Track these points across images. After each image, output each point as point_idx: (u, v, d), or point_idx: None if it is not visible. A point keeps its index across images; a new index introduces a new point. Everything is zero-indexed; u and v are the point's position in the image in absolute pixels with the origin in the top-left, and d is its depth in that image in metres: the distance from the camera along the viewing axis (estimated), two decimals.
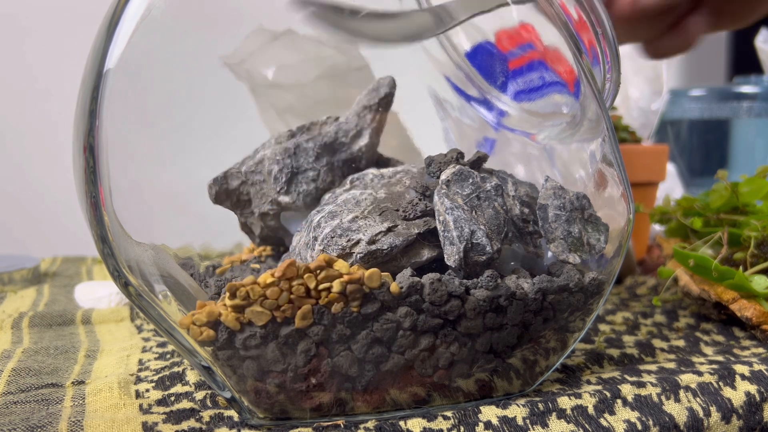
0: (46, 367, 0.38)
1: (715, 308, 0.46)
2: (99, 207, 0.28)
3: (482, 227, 0.31)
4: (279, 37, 0.37)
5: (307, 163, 0.35)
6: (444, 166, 0.33)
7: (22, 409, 0.32)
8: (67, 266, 0.69)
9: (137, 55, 0.29)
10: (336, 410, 0.31)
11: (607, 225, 0.34)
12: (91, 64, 0.29)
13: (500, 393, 0.33)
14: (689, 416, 0.32)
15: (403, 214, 0.32)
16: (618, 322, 0.47)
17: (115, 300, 0.53)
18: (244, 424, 0.31)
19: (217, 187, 0.35)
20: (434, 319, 0.30)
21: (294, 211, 0.36)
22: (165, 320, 0.29)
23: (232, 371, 0.30)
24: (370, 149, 0.37)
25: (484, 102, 0.39)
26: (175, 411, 0.32)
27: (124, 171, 0.29)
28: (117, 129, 0.29)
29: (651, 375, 0.35)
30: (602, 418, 0.31)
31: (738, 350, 0.41)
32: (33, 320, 0.47)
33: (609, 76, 0.34)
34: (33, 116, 0.88)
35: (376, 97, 0.36)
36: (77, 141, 0.29)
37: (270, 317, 0.28)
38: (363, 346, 0.29)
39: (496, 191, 0.32)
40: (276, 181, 0.35)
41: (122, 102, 0.29)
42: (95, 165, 0.28)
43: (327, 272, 0.29)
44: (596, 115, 0.34)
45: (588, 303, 0.33)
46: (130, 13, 0.29)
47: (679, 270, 0.48)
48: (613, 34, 0.33)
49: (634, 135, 0.68)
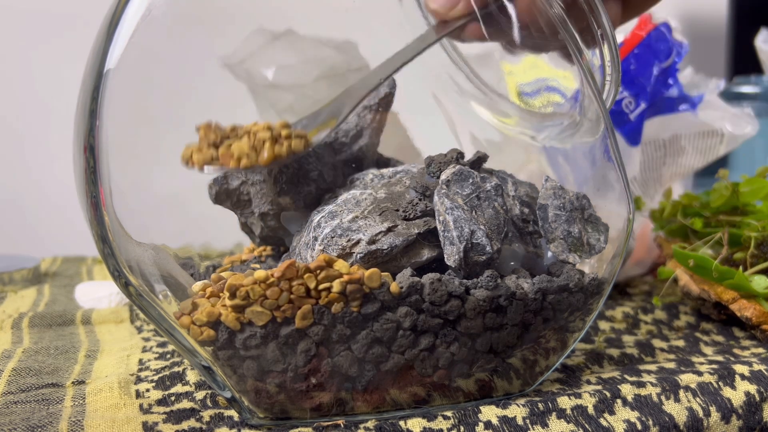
0: (47, 367, 0.38)
1: (715, 308, 0.46)
2: (99, 207, 0.28)
3: (482, 227, 0.31)
4: (279, 37, 0.37)
5: (308, 163, 0.35)
6: (444, 166, 0.33)
7: (22, 409, 0.32)
8: (67, 266, 0.69)
9: (137, 55, 0.29)
10: (336, 410, 0.31)
11: (607, 225, 0.34)
12: (92, 64, 0.29)
13: (500, 393, 0.33)
14: (689, 416, 0.32)
15: (403, 214, 0.32)
16: (618, 318, 0.47)
17: (115, 300, 0.53)
18: (244, 424, 0.31)
19: (217, 187, 0.35)
20: (434, 319, 0.30)
21: (294, 211, 0.36)
22: (165, 320, 0.29)
23: (232, 371, 0.30)
24: (370, 149, 0.37)
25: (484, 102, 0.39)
26: (175, 411, 0.32)
27: (124, 171, 0.29)
28: (117, 129, 0.29)
29: (651, 375, 0.36)
30: (602, 418, 0.31)
31: (738, 350, 0.41)
32: (33, 320, 0.47)
33: (609, 76, 0.34)
34: (33, 116, 0.88)
35: (376, 97, 0.36)
36: (77, 141, 0.29)
37: (270, 317, 0.28)
38: (363, 346, 0.29)
39: (496, 191, 0.32)
40: (276, 181, 0.35)
41: (122, 102, 0.29)
42: (95, 165, 0.28)
43: (327, 272, 0.29)
44: (596, 115, 0.34)
45: (588, 303, 0.33)
46: (130, 13, 0.29)
47: (679, 270, 0.48)
48: (613, 34, 0.33)
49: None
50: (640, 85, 0.53)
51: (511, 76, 0.38)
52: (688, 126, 0.56)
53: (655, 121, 0.55)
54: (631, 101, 0.53)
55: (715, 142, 0.56)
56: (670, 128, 0.56)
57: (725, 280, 0.43)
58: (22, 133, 0.89)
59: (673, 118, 0.56)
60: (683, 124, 0.56)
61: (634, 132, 0.53)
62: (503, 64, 0.38)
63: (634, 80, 0.54)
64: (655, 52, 0.54)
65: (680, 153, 0.57)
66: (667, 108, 0.56)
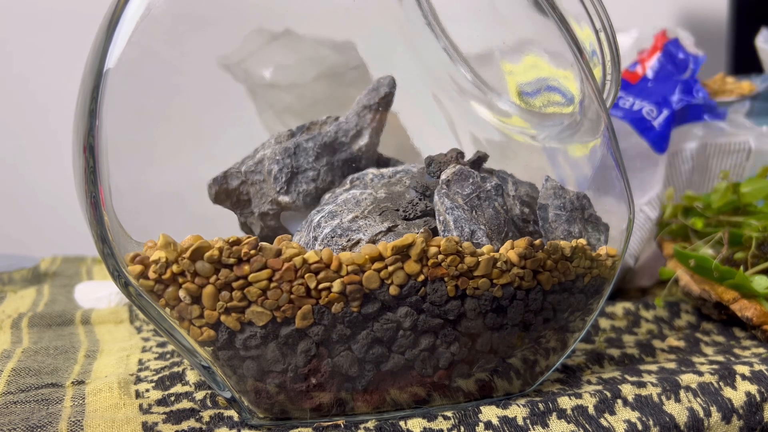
0: (46, 367, 0.38)
1: (716, 308, 0.46)
2: (99, 207, 0.28)
3: (482, 227, 0.31)
4: (277, 37, 0.37)
5: (307, 163, 0.35)
6: (444, 165, 0.33)
7: (22, 409, 0.32)
8: (67, 266, 0.69)
9: (137, 55, 0.29)
10: (336, 410, 0.31)
11: (607, 225, 0.34)
12: (91, 63, 0.29)
13: (500, 393, 0.33)
14: (690, 416, 0.32)
15: (403, 213, 0.32)
16: (619, 315, 0.47)
17: (115, 300, 0.53)
18: (244, 424, 0.31)
19: (217, 187, 0.35)
20: (434, 319, 0.30)
21: (294, 211, 0.36)
22: (165, 320, 0.29)
23: (232, 371, 0.30)
24: (370, 149, 0.37)
25: (484, 102, 0.39)
26: (175, 411, 0.32)
27: (124, 171, 0.29)
28: (117, 129, 0.29)
29: (651, 375, 0.35)
30: (603, 418, 0.31)
31: (738, 350, 0.41)
32: (32, 320, 0.47)
33: (609, 75, 0.34)
34: (32, 116, 0.88)
35: (376, 96, 0.36)
36: (77, 141, 0.29)
37: (270, 317, 0.28)
38: (363, 346, 0.29)
39: (496, 191, 0.32)
40: (276, 180, 0.35)
41: (122, 102, 0.29)
42: (95, 165, 0.28)
43: (327, 272, 0.29)
44: (596, 115, 0.34)
45: (588, 303, 0.33)
46: (130, 13, 0.29)
47: (680, 270, 0.48)
48: (613, 34, 0.33)
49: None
50: (662, 95, 0.54)
51: (511, 76, 0.38)
52: (715, 134, 0.56)
53: (682, 130, 0.56)
54: (652, 109, 0.53)
55: (742, 158, 0.56)
56: (696, 137, 0.56)
57: (726, 280, 0.43)
58: (22, 133, 0.89)
59: (699, 127, 0.56)
60: (710, 132, 0.56)
61: (660, 139, 0.54)
62: (503, 64, 0.38)
63: (653, 92, 0.55)
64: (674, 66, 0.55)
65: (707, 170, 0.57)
66: (693, 116, 0.56)
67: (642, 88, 0.56)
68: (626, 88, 0.57)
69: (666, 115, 0.53)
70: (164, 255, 0.28)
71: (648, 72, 0.57)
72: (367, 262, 0.29)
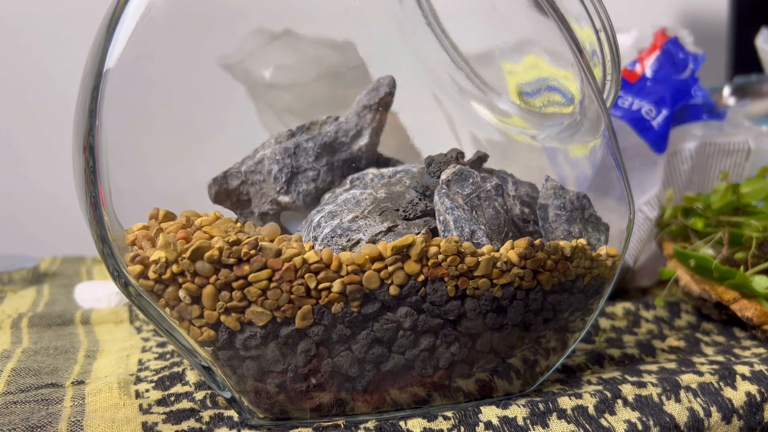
0: (46, 367, 0.38)
1: (716, 308, 0.46)
2: (99, 207, 0.28)
3: (482, 227, 0.31)
4: (277, 37, 0.37)
5: (307, 163, 0.35)
6: (444, 165, 0.33)
7: (22, 409, 0.32)
8: (67, 266, 0.69)
9: (137, 55, 0.29)
10: (336, 410, 0.31)
11: (607, 225, 0.34)
12: (91, 63, 0.29)
13: (500, 393, 0.33)
14: (690, 416, 0.32)
15: (403, 213, 0.32)
16: (619, 315, 0.47)
17: (115, 300, 0.53)
18: (244, 424, 0.31)
19: (217, 187, 0.35)
20: (434, 319, 0.30)
21: (294, 211, 0.36)
22: (165, 320, 0.29)
23: (232, 371, 0.30)
24: (370, 149, 0.37)
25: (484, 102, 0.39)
26: (175, 411, 0.32)
27: (124, 171, 0.29)
28: (117, 129, 0.29)
29: (651, 375, 0.35)
30: (603, 419, 0.31)
31: (739, 350, 0.40)
32: (32, 320, 0.47)
33: (609, 75, 0.34)
34: (33, 116, 0.88)
35: (376, 96, 0.36)
36: (77, 141, 0.29)
37: (270, 317, 0.28)
38: (363, 346, 0.29)
39: (496, 191, 0.32)
40: (276, 180, 0.35)
41: (122, 102, 0.29)
42: (95, 165, 0.28)
43: (327, 272, 0.29)
44: (596, 115, 0.34)
45: (588, 303, 0.33)
46: (130, 13, 0.29)
47: (680, 270, 0.48)
48: (613, 34, 0.33)
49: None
50: (660, 94, 0.54)
51: (511, 76, 0.38)
52: (714, 134, 0.56)
53: (681, 130, 0.56)
54: (651, 109, 0.53)
55: (741, 158, 0.56)
56: (695, 137, 0.56)
57: (726, 280, 0.43)
58: (22, 133, 0.89)
59: (698, 127, 0.56)
60: (709, 132, 0.56)
61: (659, 139, 0.54)
62: (503, 64, 0.38)
63: (652, 92, 0.54)
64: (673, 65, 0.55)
65: (706, 170, 0.57)
66: (691, 116, 0.56)
67: (641, 87, 0.56)
68: (625, 87, 0.57)
69: (665, 115, 0.53)
70: (164, 255, 0.28)
71: (647, 71, 0.56)
72: (367, 262, 0.29)
